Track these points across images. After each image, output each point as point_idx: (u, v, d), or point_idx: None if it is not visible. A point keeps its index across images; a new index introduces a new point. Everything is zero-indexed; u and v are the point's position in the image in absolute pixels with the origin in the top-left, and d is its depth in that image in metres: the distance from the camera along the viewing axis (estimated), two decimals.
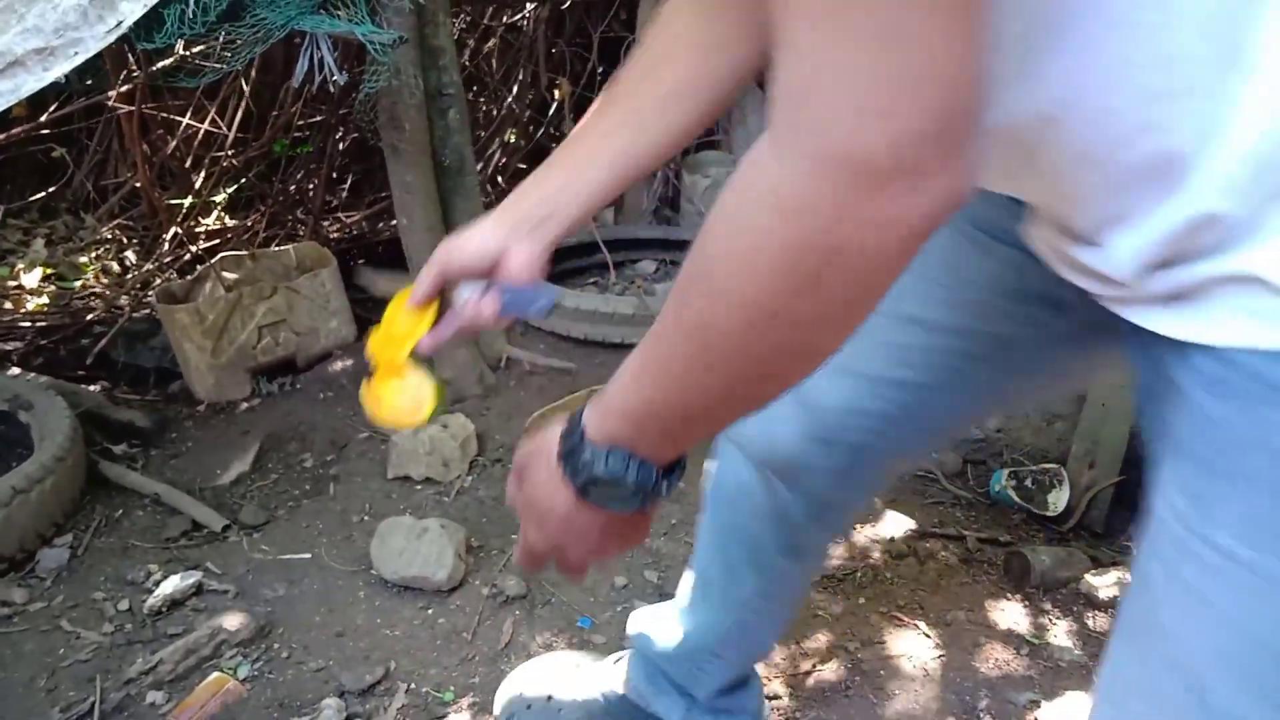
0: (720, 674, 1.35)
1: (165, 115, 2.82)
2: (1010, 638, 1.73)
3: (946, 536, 1.96)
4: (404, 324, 0.97)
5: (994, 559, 1.91)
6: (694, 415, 0.67)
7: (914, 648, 1.69)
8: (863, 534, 1.96)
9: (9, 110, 2.85)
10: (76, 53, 1.62)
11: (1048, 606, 1.80)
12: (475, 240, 0.92)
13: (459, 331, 0.95)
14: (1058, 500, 2.01)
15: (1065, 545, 1.95)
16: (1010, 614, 1.78)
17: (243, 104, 2.85)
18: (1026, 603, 1.81)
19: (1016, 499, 2.02)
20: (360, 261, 3.17)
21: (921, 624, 1.74)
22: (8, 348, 2.54)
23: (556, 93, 3.42)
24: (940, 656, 1.68)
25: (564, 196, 0.92)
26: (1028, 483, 2.04)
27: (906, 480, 2.12)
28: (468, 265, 0.92)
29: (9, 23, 1.60)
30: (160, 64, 2.38)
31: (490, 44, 3.39)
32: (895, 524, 1.99)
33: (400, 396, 0.99)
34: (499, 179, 3.51)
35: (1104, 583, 1.82)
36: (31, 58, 1.61)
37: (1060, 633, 1.75)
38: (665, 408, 0.67)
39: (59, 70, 1.61)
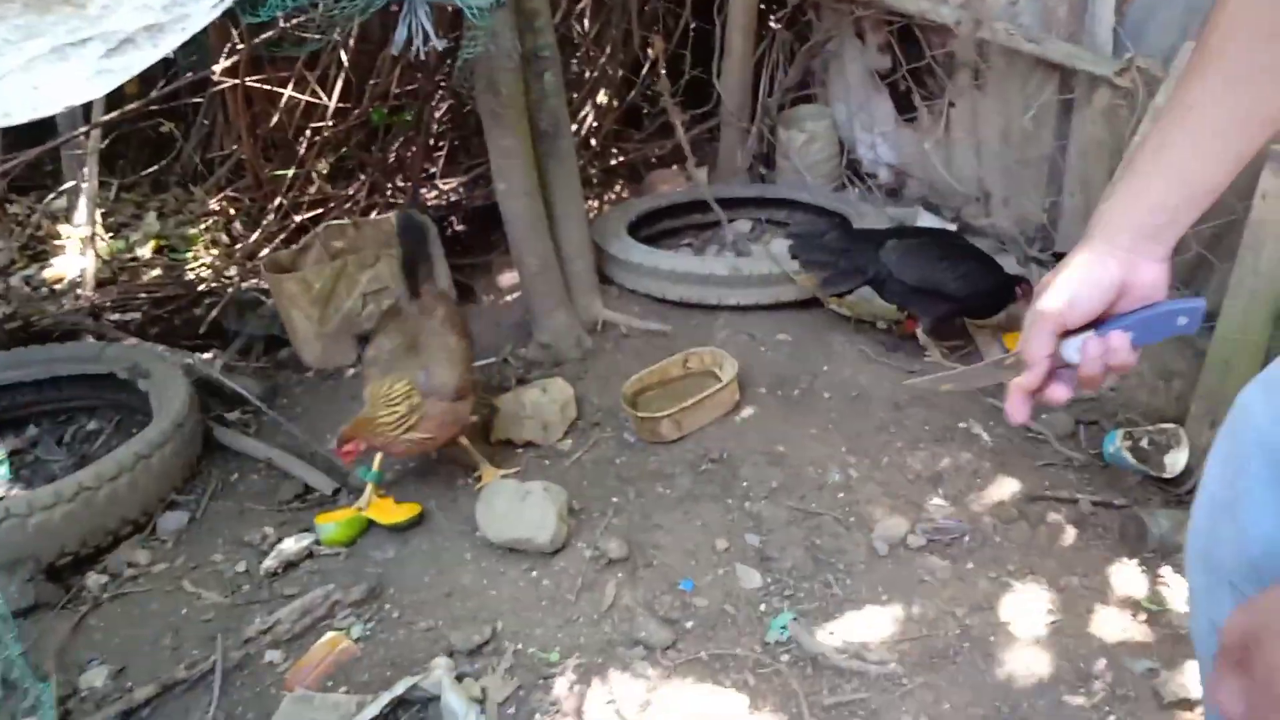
0: None
1: (268, 88, 2.88)
2: (1127, 604, 1.67)
3: (1058, 500, 1.90)
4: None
5: (1109, 523, 1.84)
6: None
7: (1025, 613, 1.65)
8: (970, 497, 1.91)
9: (121, 88, 2.94)
10: (184, 28, 1.65)
11: (1166, 572, 1.73)
12: (1089, 277, 0.78)
13: (1080, 385, 0.80)
14: (1176, 461, 1.93)
15: (1184, 508, 1.87)
16: (1127, 579, 1.72)
17: (342, 74, 2.89)
18: (1144, 568, 1.74)
19: (1132, 461, 1.94)
20: (451, 226, 3.20)
21: (1033, 589, 1.70)
22: (126, 318, 2.65)
23: (650, 50, 3.38)
24: (1053, 622, 1.63)
25: (1180, 196, 0.78)
26: (1144, 443, 1.96)
27: (1015, 442, 2.06)
28: (1093, 309, 0.78)
29: (121, 1, 1.64)
30: (263, 36, 2.43)
31: (582, 3, 3.36)
32: (1004, 487, 1.93)
33: None
34: (591, 141, 3.50)
35: None
36: (141, 34, 1.64)
37: (1180, 599, 1.68)
38: None
39: (168, 45, 1.64)
